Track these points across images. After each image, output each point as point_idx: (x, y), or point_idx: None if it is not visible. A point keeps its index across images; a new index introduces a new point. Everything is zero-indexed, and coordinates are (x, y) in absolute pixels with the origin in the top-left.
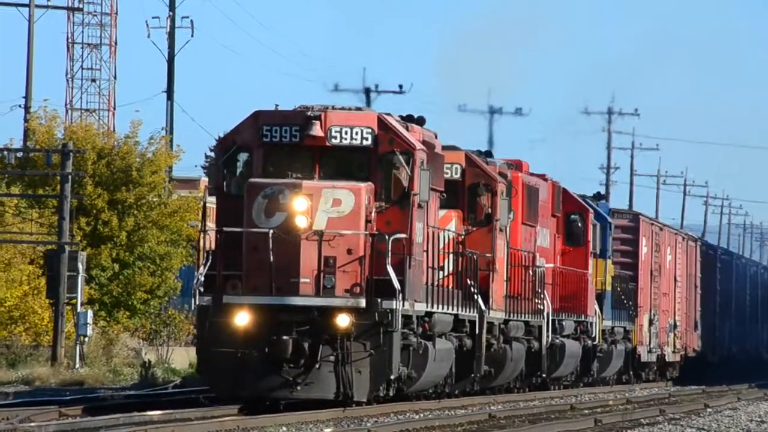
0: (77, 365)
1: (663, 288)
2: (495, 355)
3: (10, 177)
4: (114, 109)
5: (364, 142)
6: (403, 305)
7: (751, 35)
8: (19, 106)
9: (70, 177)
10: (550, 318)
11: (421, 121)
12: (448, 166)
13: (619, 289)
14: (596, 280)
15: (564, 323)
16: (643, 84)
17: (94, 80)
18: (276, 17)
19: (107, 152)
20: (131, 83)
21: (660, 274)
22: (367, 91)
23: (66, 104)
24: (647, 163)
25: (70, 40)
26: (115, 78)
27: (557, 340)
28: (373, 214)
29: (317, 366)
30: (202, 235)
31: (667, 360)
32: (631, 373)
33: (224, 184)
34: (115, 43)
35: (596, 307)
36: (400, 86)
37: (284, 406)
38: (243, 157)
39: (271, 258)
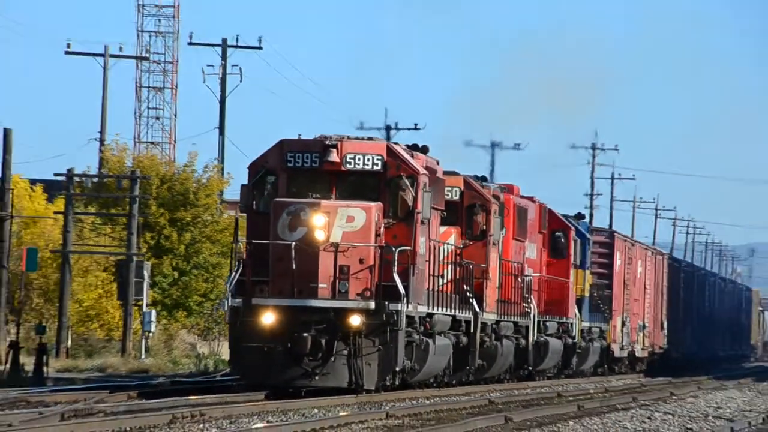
0: (143, 356)
1: (634, 295)
2: (487, 351)
3: (88, 198)
4: (174, 142)
5: (375, 168)
6: (407, 307)
7: (716, 85)
8: (95, 139)
9: (137, 199)
10: (536, 319)
11: (425, 149)
12: (449, 188)
13: (596, 295)
14: (576, 287)
15: (548, 324)
16: (623, 123)
17: (157, 118)
18: (311, 65)
19: (168, 178)
20: (189, 120)
21: (632, 283)
22: (387, 129)
23: (134, 138)
24: (625, 191)
25: (138, 84)
26: (175, 116)
27: (542, 338)
28: (381, 229)
29: (332, 359)
30: (234, 246)
31: (636, 355)
32: (606, 366)
33: (254, 203)
34: (176, 87)
35: (576, 310)
36: (416, 124)
37: (305, 393)
38: (270, 179)
39: (294, 266)
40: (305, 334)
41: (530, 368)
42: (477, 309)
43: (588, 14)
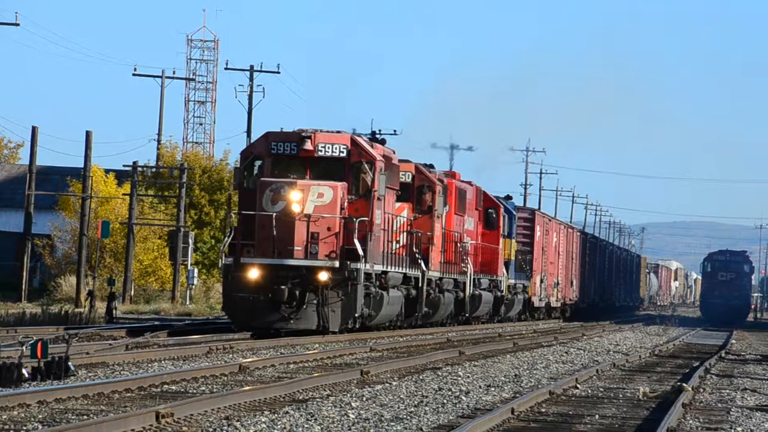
0: (187, 302)
1: (550, 258)
2: (432, 301)
3: (148, 184)
4: (213, 142)
5: (341, 155)
6: (365, 266)
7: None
8: (154, 139)
9: (184, 185)
10: (472, 277)
11: (382, 141)
12: (403, 173)
13: (520, 258)
14: (505, 252)
15: (482, 280)
16: (550, 130)
17: (201, 124)
18: (313, 82)
19: (208, 169)
20: (224, 126)
21: (548, 250)
22: (373, 134)
23: (183, 139)
24: (550, 182)
25: (186, 99)
26: (214, 123)
27: (477, 292)
28: (346, 203)
29: (305, 307)
30: (227, 216)
31: (552, 306)
32: (528, 313)
33: (244, 182)
34: (215, 101)
35: (504, 270)
36: (395, 130)
37: (283, 333)
38: (257, 163)
39: (274, 233)
40: (283, 287)
41: (467, 315)
42: (424, 268)
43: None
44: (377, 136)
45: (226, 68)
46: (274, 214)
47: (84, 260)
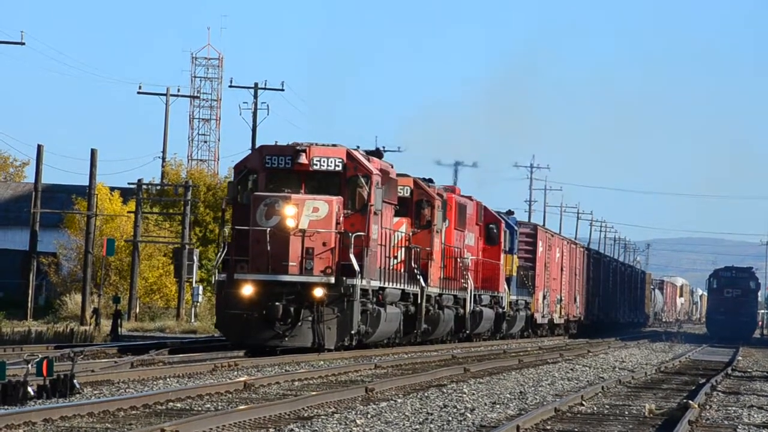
0: (192, 320)
1: (553, 275)
2: (432, 317)
3: (152, 201)
4: (218, 160)
5: (336, 168)
6: (362, 282)
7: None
8: (159, 157)
9: (189, 202)
10: (473, 293)
11: (380, 154)
12: (401, 187)
13: (522, 274)
14: (506, 268)
15: (482, 296)
16: (555, 146)
17: (205, 141)
18: (316, 100)
19: (213, 187)
20: (229, 144)
21: (551, 266)
22: (377, 149)
23: (188, 156)
24: (555, 198)
25: (191, 116)
26: (218, 140)
27: (477, 308)
28: (341, 218)
29: (300, 324)
30: (220, 231)
31: (555, 322)
32: (531, 330)
33: (238, 196)
34: (219, 119)
35: (506, 286)
36: (399, 147)
37: (278, 351)
38: (252, 177)
39: (269, 248)
40: (277, 303)
41: (468, 332)
42: (423, 284)
43: (542, 57)
44: (380, 150)
45: (230, 86)
46: (269, 229)
47: (89, 278)
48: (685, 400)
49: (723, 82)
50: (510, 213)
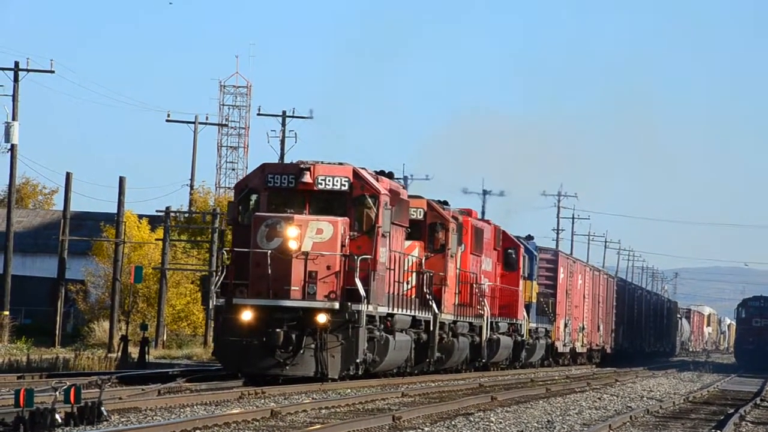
0: None
1: (575, 302)
2: (445, 345)
3: (180, 229)
4: None
5: (342, 188)
6: (368, 307)
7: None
8: (187, 184)
9: (217, 229)
10: (489, 320)
11: (390, 175)
12: (414, 209)
13: (542, 301)
14: (525, 294)
15: (500, 324)
16: (582, 176)
17: (233, 169)
18: (345, 130)
19: None
20: None
21: (573, 293)
22: (405, 178)
23: (215, 184)
24: (583, 227)
25: (219, 144)
26: (246, 168)
27: (494, 336)
28: (347, 240)
29: (302, 351)
30: (218, 254)
31: (577, 351)
32: (551, 359)
33: (239, 217)
34: (247, 146)
35: (525, 313)
36: (427, 175)
37: (281, 381)
38: (253, 197)
39: (269, 271)
40: (278, 330)
41: (484, 360)
42: (436, 310)
43: (564, 85)
44: (408, 180)
45: (258, 114)
46: (270, 251)
47: (117, 305)
48: (713, 431)
49: (746, 108)
50: (530, 238)
